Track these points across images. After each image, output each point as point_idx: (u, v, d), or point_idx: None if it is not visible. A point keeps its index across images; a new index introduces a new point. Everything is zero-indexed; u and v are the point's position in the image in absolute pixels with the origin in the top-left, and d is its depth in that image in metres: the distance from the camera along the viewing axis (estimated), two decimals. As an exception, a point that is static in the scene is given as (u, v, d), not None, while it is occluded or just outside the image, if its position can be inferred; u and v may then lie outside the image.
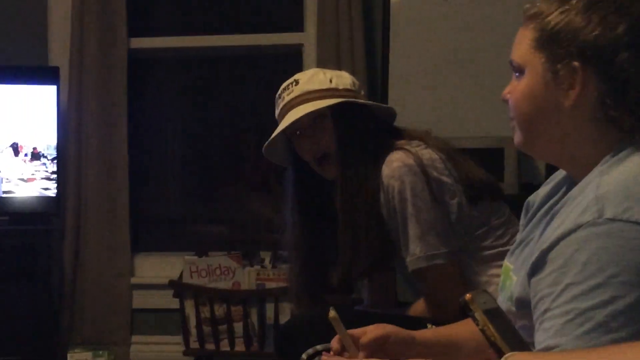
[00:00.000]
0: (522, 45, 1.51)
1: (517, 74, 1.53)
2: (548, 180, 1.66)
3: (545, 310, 1.32)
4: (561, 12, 1.46)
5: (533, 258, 1.40)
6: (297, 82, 2.34)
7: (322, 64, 3.67)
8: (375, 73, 3.79)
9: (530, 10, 1.51)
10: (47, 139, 3.78)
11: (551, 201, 1.59)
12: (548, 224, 1.48)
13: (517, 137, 1.55)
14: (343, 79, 2.36)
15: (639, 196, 1.30)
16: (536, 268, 1.38)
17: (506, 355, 1.14)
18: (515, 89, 1.53)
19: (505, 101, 1.56)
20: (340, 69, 3.03)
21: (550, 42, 1.47)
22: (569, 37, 1.44)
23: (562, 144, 1.49)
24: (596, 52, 1.42)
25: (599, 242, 1.29)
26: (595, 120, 1.45)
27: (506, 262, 1.63)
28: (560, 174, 1.62)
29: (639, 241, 1.27)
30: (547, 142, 1.51)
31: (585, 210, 1.33)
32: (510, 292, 1.53)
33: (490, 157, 3.33)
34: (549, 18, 1.47)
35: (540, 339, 1.32)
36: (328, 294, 2.46)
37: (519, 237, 1.64)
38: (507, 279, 1.58)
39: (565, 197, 1.47)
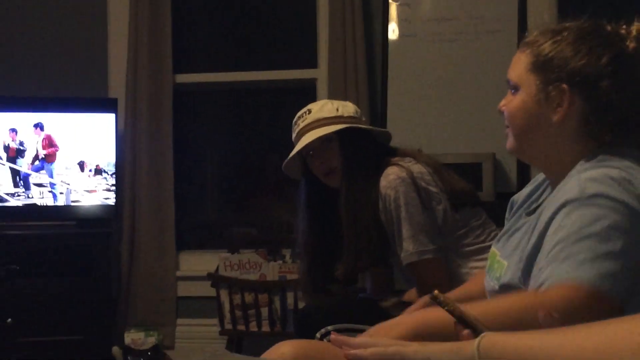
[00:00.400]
0: (519, 67, 1.51)
1: (512, 91, 1.53)
2: (529, 183, 1.66)
3: (541, 267, 1.33)
4: (554, 42, 1.46)
5: (532, 243, 1.40)
6: (309, 111, 2.35)
7: (332, 94, 3.68)
8: (376, 101, 3.79)
9: (528, 37, 1.52)
10: (108, 158, 3.78)
11: (531, 198, 1.60)
12: (532, 215, 1.49)
13: (510, 143, 1.55)
14: (348, 108, 2.37)
15: (613, 185, 1.33)
16: (536, 249, 1.38)
17: (482, 334, 1.10)
18: (511, 103, 1.52)
19: (501, 112, 1.56)
20: (347, 99, 3.04)
21: (544, 67, 1.46)
22: (560, 64, 1.44)
23: (548, 151, 1.49)
24: (583, 78, 1.43)
25: (583, 209, 1.31)
26: (578, 134, 1.45)
27: (493, 248, 1.62)
28: (540, 177, 1.62)
29: (614, 209, 1.29)
30: (535, 149, 1.51)
31: (569, 191, 1.35)
32: (498, 274, 1.52)
33: (470, 170, 3.33)
34: (544, 46, 1.47)
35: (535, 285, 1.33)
36: (334, 284, 2.46)
37: (504, 228, 1.64)
38: (494, 262, 1.58)
39: (550, 195, 1.48)
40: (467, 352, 1.09)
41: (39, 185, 3.76)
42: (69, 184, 3.76)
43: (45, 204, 3.74)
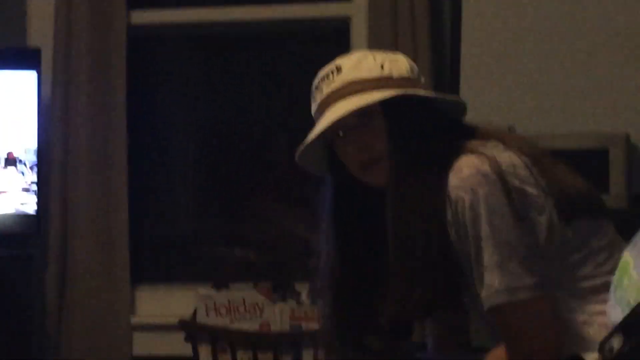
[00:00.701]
0: None
1: None
2: None
3: None
4: None
5: None
6: (339, 69, 2.33)
7: (374, 42, 3.70)
8: (443, 54, 3.81)
9: None
10: (25, 141, 3.82)
11: None
12: None
13: None
14: (398, 64, 2.35)
15: None
16: None
17: None
18: None
19: None
20: (398, 50, 3.04)
21: None
22: None
23: None
24: None
25: None
26: None
27: (626, 255, 1.65)
28: None
29: None
30: None
31: None
32: (634, 295, 1.55)
33: (590, 161, 3.33)
34: None
35: None
36: (375, 337, 2.46)
37: None
38: (625, 276, 1.61)
39: None
40: None
41: None
42: (-35, 181, 3.79)
43: None
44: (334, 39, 4.01)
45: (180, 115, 4.38)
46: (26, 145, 3.82)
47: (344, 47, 3.87)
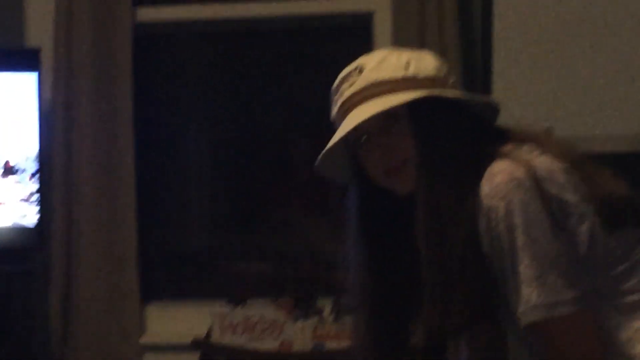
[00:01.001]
0: None
1: None
2: None
3: None
4: None
5: None
6: (361, 69, 2.33)
7: (399, 39, 3.69)
8: (473, 51, 3.80)
9: None
10: (25, 148, 3.83)
11: None
12: None
13: None
14: (425, 62, 2.35)
15: None
16: None
17: None
18: None
19: None
20: (425, 47, 3.03)
21: None
22: None
23: None
24: None
25: None
26: None
27: None
28: None
29: None
30: None
31: None
32: None
33: (635, 165, 3.32)
34: None
35: None
36: (407, 356, 2.46)
37: None
38: None
39: None
40: None
41: None
42: (-40, 192, 3.79)
43: None
44: (355, 35, 4.00)
45: (191, 119, 4.39)
46: (26, 152, 3.83)
47: (365, 44, 3.88)
